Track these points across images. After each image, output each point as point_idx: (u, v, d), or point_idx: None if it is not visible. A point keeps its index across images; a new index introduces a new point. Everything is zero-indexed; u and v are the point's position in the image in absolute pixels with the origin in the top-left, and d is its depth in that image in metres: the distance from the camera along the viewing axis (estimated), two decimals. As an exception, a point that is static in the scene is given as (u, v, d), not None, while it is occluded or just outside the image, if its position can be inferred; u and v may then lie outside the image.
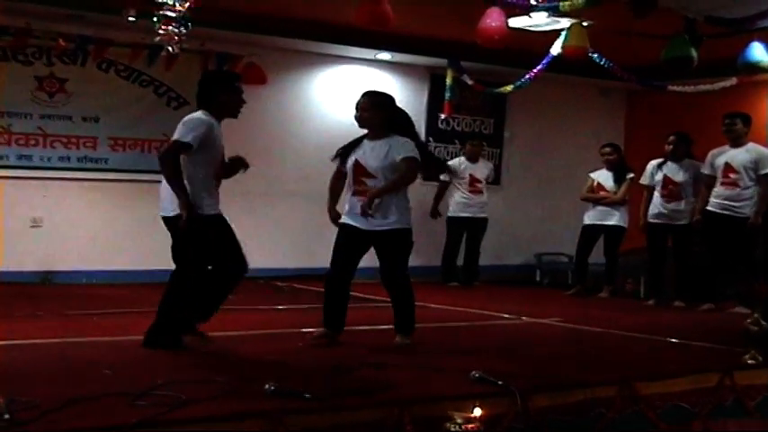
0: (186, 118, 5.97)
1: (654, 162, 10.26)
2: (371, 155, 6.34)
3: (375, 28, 8.90)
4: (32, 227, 10.11)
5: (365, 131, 6.51)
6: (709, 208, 9.32)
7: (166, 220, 5.96)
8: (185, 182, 5.82)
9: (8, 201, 9.97)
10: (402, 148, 6.32)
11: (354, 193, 6.38)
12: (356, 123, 6.49)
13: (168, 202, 5.88)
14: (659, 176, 10.12)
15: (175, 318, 5.96)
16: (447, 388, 5.00)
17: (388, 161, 6.30)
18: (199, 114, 5.96)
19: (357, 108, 6.45)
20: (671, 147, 10.11)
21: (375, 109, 6.41)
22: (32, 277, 9.91)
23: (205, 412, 4.21)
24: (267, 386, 4.58)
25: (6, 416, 3.85)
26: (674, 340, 7.28)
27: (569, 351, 6.80)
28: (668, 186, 10.05)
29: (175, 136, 5.87)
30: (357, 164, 6.36)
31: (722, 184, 9.27)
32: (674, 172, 10.05)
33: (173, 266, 10.10)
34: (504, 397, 4.80)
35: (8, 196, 9.98)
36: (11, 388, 4.29)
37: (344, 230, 6.42)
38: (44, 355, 5.84)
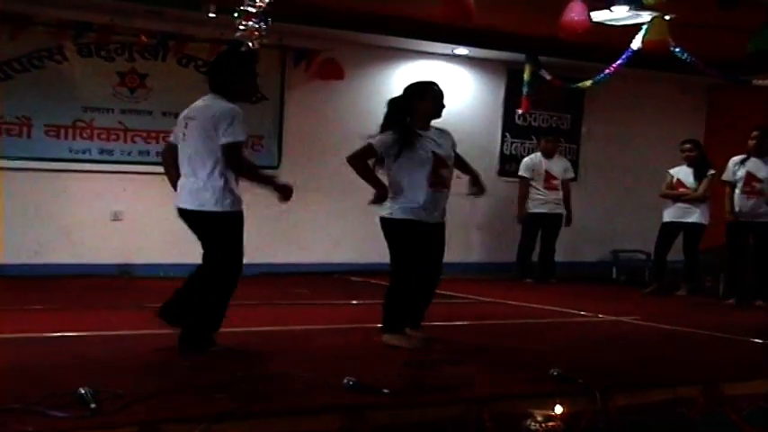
0: (230, 111, 5.56)
1: (736, 158, 10.04)
2: (444, 146, 6.30)
3: (459, 23, 8.84)
4: (113, 220, 10.26)
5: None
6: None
7: (187, 213, 5.75)
8: (222, 177, 5.57)
9: (90, 194, 10.15)
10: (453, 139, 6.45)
11: (433, 185, 6.20)
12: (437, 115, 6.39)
13: (189, 194, 5.68)
14: (741, 173, 9.91)
15: (212, 318, 5.74)
16: (526, 385, 4.98)
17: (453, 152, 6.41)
18: (230, 105, 5.59)
19: (442, 99, 6.34)
20: (754, 142, 9.90)
21: None
22: (112, 270, 10.06)
23: (284, 406, 4.24)
24: (346, 381, 4.59)
25: (93, 405, 3.92)
26: (757, 341, 7.14)
27: (648, 350, 6.71)
28: (750, 183, 9.85)
29: (237, 136, 5.52)
30: (437, 156, 6.23)
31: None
32: (758, 168, 9.84)
33: (250, 260, 10.13)
34: (583, 395, 4.75)
35: (90, 190, 10.15)
36: (95, 378, 4.35)
37: (422, 228, 6.22)
38: (125, 346, 5.94)
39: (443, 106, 6.33)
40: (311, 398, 4.43)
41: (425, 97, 6.29)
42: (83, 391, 4.03)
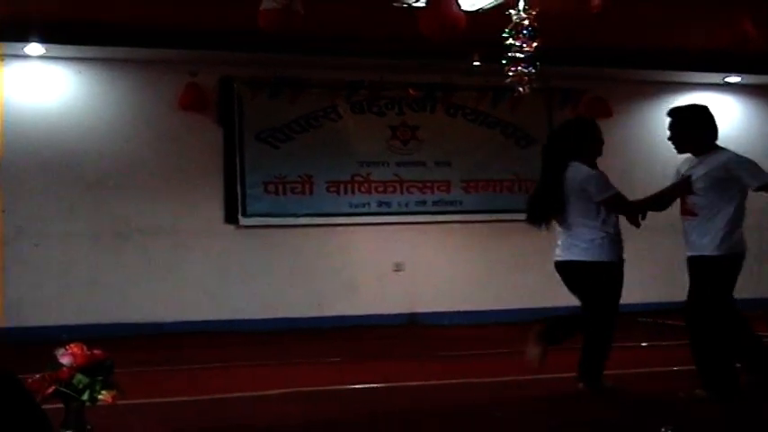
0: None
1: None
2: None
3: (738, 49, 8.53)
4: (395, 271, 10.48)
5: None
6: None
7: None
8: None
9: (371, 246, 10.43)
10: None
11: None
12: None
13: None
14: None
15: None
16: None
17: None
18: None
19: None
20: None
21: None
22: (396, 320, 10.26)
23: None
24: (663, 429, 4.44)
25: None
26: None
27: None
28: None
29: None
30: None
31: None
32: None
33: (530, 305, 10.03)
34: None
35: (371, 242, 10.44)
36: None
37: None
38: (425, 396, 5.98)
39: None
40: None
41: None
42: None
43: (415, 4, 7.87)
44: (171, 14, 8.61)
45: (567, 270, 5.97)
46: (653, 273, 10.85)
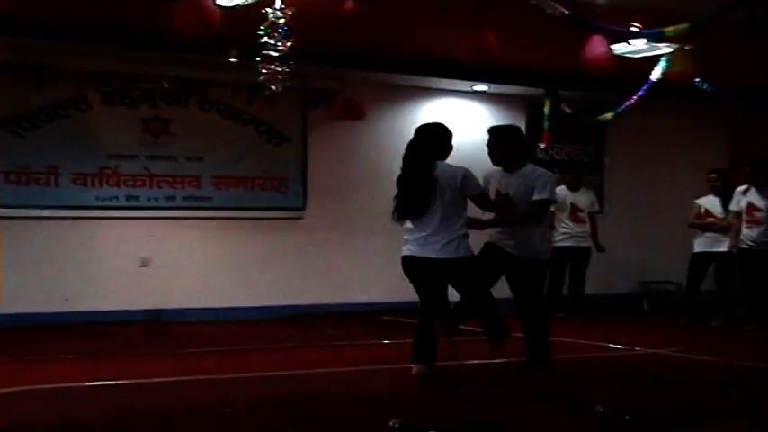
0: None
1: (739, 189, 10.15)
2: None
3: (481, 60, 8.88)
4: (141, 266, 10.27)
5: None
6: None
7: None
8: None
9: (117, 241, 10.18)
10: None
11: None
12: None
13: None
14: (744, 203, 10.02)
15: None
16: (572, 423, 4.92)
17: None
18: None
19: None
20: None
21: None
22: (142, 316, 10.02)
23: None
24: (392, 423, 4.56)
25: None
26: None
27: (691, 383, 6.59)
28: (751, 213, 9.95)
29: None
30: None
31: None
32: (757, 198, 9.93)
33: (280, 302, 10.17)
34: (634, 432, 4.70)
35: (117, 237, 10.18)
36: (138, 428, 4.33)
37: None
38: (164, 394, 5.89)
39: None
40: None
41: None
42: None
43: (171, -4, 7.74)
44: None
45: (429, 266, 6.18)
46: (394, 272, 11.12)
